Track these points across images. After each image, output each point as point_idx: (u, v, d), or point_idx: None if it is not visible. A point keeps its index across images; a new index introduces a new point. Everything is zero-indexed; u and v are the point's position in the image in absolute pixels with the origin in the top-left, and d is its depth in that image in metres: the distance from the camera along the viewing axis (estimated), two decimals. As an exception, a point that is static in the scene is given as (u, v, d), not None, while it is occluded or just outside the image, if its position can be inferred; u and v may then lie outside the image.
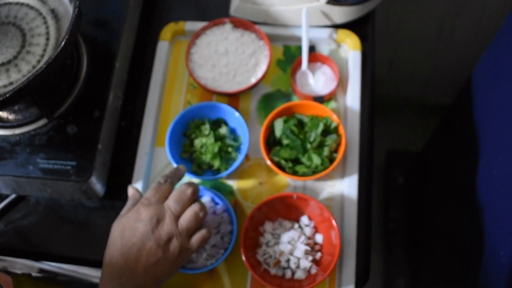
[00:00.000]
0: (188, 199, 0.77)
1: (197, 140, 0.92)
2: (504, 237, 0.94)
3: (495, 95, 1.05)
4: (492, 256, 0.99)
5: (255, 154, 0.94)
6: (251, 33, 0.99)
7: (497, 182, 0.99)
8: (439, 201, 1.44)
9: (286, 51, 1.01)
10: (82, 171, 0.87)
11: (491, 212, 1.02)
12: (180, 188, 0.77)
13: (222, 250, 0.86)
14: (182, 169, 0.82)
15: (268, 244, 0.87)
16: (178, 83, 1.00)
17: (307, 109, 0.92)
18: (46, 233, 0.94)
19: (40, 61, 0.84)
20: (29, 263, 1.08)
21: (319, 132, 0.89)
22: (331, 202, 0.90)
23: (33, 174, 0.87)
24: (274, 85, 0.99)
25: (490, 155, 1.05)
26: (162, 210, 0.75)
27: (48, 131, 0.90)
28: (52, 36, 0.86)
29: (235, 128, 0.94)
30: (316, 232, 0.88)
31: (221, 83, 0.96)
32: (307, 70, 0.97)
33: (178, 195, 0.76)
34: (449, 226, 1.32)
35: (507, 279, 0.90)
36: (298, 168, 0.88)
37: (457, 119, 1.34)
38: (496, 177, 1.00)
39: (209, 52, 0.97)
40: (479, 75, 1.16)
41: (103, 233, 0.93)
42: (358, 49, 0.99)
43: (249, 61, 0.96)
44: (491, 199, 1.02)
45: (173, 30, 1.03)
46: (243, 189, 0.92)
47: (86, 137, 0.89)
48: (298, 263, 0.85)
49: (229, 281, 0.87)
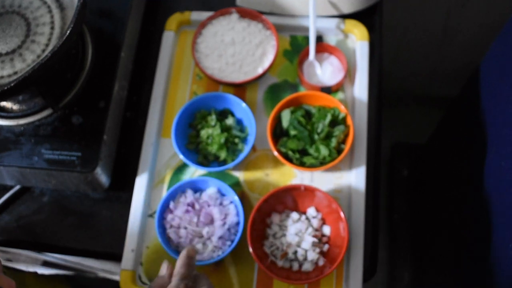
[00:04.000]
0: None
1: (203, 131, 0.91)
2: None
3: (503, 87, 1.04)
4: (500, 248, 0.99)
5: (261, 145, 0.93)
6: (257, 23, 0.97)
7: (506, 174, 0.98)
8: (444, 193, 1.44)
9: (293, 41, 1.00)
10: (87, 162, 0.86)
11: (499, 204, 1.01)
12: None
13: (228, 242, 0.85)
14: (193, 255, 0.72)
15: (275, 236, 0.86)
16: (183, 74, 0.99)
17: (314, 100, 0.91)
18: (51, 224, 0.94)
19: (45, 51, 0.83)
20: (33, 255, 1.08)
21: (326, 123, 0.88)
22: (338, 193, 0.89)
23: (38, 165, 0.87)
24: (280, 76, 0.98)
25: (498, 146, 1.04)
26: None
27: (53, 122, 0.89)
28: (57, 26, 0.85)
29: (241, 118, 0.93)
30: (323, 224, 0.87)
31: (228, 73, 0.95)
32: (314, 61, 0.96)
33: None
34: (454, 218, 1.31)
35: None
36: (305, 159, 0.88)
37: (463, 111, 1.32)
38: (505, 168, 0.99)
39: (215, 42, 0.96)
40: (486, 67, 1.15)
41: (108, 225, 0.92)
42: (366, 39, 0.98)
43: (256, 51, 0.95)
44: (500, 191, 1.01)
45: (179, 20, 1.01)
46: (250, 181, 0.91)
47: (91, 127, 0.88)
48: (305, 255, 0.84)
49: (235, 273, 0.86)
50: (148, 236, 0.90)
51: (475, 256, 1.13)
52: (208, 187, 0.89)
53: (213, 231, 0.85)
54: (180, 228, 0.86)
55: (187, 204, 0.87)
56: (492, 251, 1.02)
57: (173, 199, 0.88)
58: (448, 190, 1.40)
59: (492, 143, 1.07)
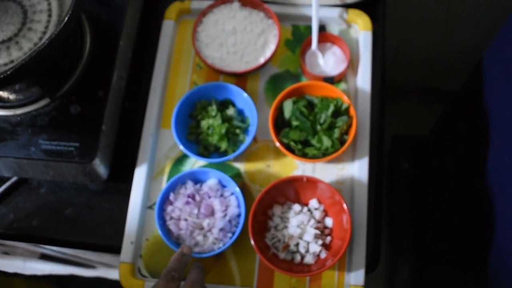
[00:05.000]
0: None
1: (204, 121, 0.90)
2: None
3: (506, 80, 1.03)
4: (503, 244, 0.98)
5: (263, 136, 0.91)
6: (259, 12, 0.96)
7: (508, 168, 0.97)
8: (445, 187, 1.43)
9: (295, 31, 0.99)
10: (86, 153, 0.85)
11: (501, 198, 1.00)
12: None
13: (229, 234, 0.84)
14: (187, 253, 0.77)
15: (277, 228, 0.85)
16: (183, 63, 0.98)
17: (317, 90, 0.90)
18: (48, 217, 0.93)
19: (42, 38, 0.82)
20: (30, 248, 1.07)
21: (329, 114, 0.87)
22: (341, 185, 0.88)
23: (35, 155, 0.85)
24: (282, 66, 0.96)
25: (501, 140, 1.03)
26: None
27: (50, 111, 0.87)
28: (54, 13, 0.84)
29: (243, 109, 0.92)
30: (325, 215, 0.85)
31: (229, 62, 0.93)
32: (316, 51, 0.95)
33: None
34: (456, 212, 1.30)
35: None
36: (307, 150, 0.86)
37: (465, 105, 1.31)
38: (508, 162, 0.98)
39: (216, 31, 0.94)
40: (489, 60, 1.13)
41: (106, 217, 0.91)
42: (369, 29, 0.96)
43: (258, 41, 0.93)
44: (503, 185, 1.00)
45: (179, 8, 1.00)
46: (251, 172, 0.90)
47: (89, 117, 0.87)
48: (307, 247, 0.83)
49: (236, 265, 0.85)
50: (147, 228, 0.88)
51: (476, 249, 1.12)
52: (209, 178, 0.87)
53: (214, 223, 0.83)
54: (180, 220, 0.84)
55: (187, 196, 0.85)
56: (494, 244, 1.01)
57: (173, 191, 0.86)
58: (449, 184, 1.39)
59: (495, 137, 1.06)
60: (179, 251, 0.77)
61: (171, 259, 0.76)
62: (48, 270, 1.15)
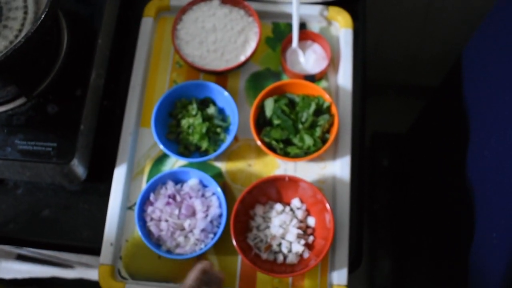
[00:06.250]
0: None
1: (184, 120, 0.89)
2: (496, 219, 0.93)
3: (486, 76, 1.03)
4: (483, 238, 0.98)
5: (244, 135, 0.91)
6: (239, 9, 0.95)
7: (489, 163, 0.98)
8: (425, 183, 1.44)
9: (276, 28, 0.98)
10: (64, 153, 0.83)
11: (481, 193, 1.01)
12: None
13: (211, 235, 0.83)
14: (207, 268, 0.71)
15: (259, 228, 0.84)
16: (163, 61, 0.96)
17: (298, 88, 0.89)
18: (25, 218, 0.91)
19: (18, 36, 0.80)
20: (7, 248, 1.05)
21: (311, 112, 0.86)
22: (323, 184, 0.88)
23: (11, 156, 0.83)
24: (263, 64, 0.95)
25: (480, 136, 1.03)
26: None
27: (27, 111, 0.85)
28: (30, 10, 0.82)
29: (223, 108, 0.91)
30: (308, 215, 0.85)
31: (209, 61, 0.92)
32: (297, 48, 0.94)
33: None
34: (435, 207, 1.31)
35: (503, 261, 0.89)
36: (289, 149, 0.86)
37: (445, 100, 1.32)
38: (488, 158, 0.99)
39: (196, 29, 0.93)
40: (469, 56, 1.14)
41: (85, 218, 0.90)
42: (350, 27, 0.96)
43: (238, 38, 0.93)
44: (483, 180, 1.01)
45: (158, 5, 0.98)
46: (232, 171, 0.89)
47: (67, 117, 0.85)
48: (290, 247, 0.82)
49: (218, 266, 0.84)
50: (127, 229, 0.87)
51: (455, 244, 1.13)
52: (190, 178, 0.86)
53: (195, 223, 0.82)
54: (161, 221, 0.83)
55: (168, 196, 0.84)
56: (476, 241, 1.02)
57: (153, 191, 0.85)
58: (429, 180, 1.40)
59: (474, 133, 1.06)
60: (200, 268, 0.70)
61: (190, 276, 0.69)
62: (25, 271, 1.13)
